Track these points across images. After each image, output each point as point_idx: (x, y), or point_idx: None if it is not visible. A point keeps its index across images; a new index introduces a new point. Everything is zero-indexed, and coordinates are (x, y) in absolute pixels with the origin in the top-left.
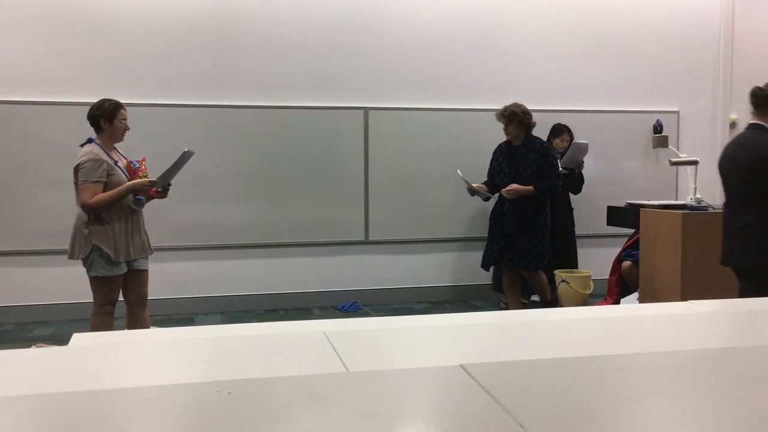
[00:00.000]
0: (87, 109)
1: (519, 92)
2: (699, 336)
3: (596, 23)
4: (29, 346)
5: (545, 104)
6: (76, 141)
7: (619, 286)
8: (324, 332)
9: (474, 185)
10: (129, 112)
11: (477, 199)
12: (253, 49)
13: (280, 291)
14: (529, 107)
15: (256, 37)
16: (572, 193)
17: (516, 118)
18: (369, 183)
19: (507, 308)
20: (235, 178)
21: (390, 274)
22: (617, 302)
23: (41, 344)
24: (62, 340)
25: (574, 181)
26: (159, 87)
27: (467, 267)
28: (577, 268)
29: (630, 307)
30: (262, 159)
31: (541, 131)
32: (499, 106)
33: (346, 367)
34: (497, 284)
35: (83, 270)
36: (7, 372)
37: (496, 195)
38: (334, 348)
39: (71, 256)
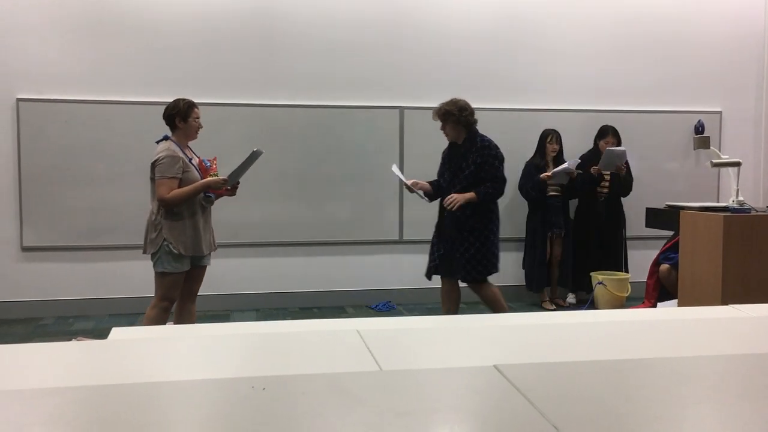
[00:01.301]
0: (127, 107)
1: (558, 92)
2: (740, 341)
3: (637, 22)
4: (70, 340)
5: (585, 104)
6: (116, 139)
7: (657, 290)
8: (357, 331)
9: (411, 182)
10: None
11: (510, 199)
12: (291, 49)
13: (315, 289)
14: (569, 107)
15: (293, 37)
16: (621, 195)
17: (451, 117)
18: None
19: (548, 309)
20: (271, 177)
21: (423, 273)
22: (655, 306)
23: (82, 338)
24: (102, 334)
25: (620, 183)
26: (198, 86)
27: (502, 267)
28: (626, 271)
29: (668, 310)
30: (297, 158)
31: (585, 132)
32: (539, 106)
33: (379, 366)
34: (531, 284)
35: (123, 266)
36: (48, 364)
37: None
38: (367, 346)
39: (144, 251)
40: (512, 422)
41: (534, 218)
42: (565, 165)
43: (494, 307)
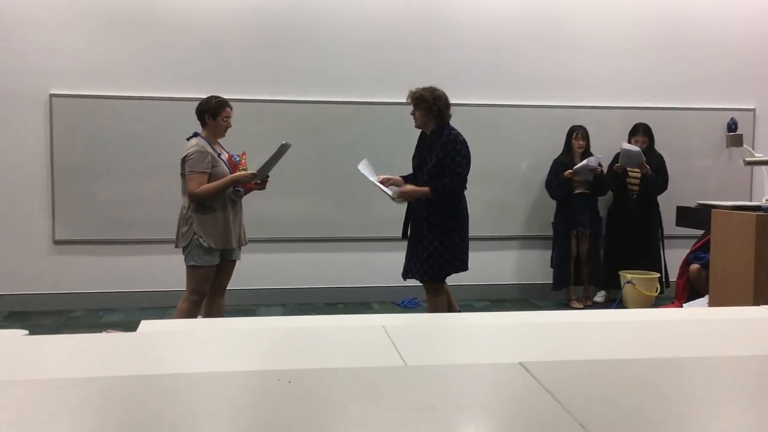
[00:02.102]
0: (158, 102)
1: (590, 89)
2: None
3: (670, 18)
4: (100, 332)
5: (617, 101)
6: (147, 133)
7: (687, 290)
8: (383, 326)
9: (380, 178)
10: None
11: (538, 197)
12: (317, 44)
13: (341, 285)
14: (601, 104)
15: (319, 32)
16: (653, 193)
17: (423, 103)
18: None
19: (575, 308)
20: (299, 173)
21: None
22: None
23: (111, 330)
24: (131, 326)
25: (649, 180)
26: (224, 82)
27: (529, 265)
28: (664, 270)
29: (698, 310)
30: (324, 154)
31: (617, 129)
32: (570, 104)
33: (404, 361)
34: (558, 283)
35: (152, 260)
36: (79, 355)
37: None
38: (392, 342)
39: (176, 245)
40: (538, 420)
41: (558, 216)
42: (585, 162)
43: (436, 308)
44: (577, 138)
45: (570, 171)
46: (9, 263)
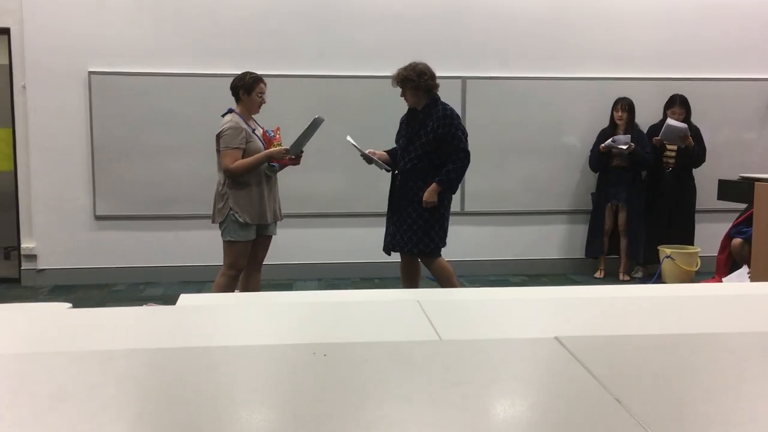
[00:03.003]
0: (195, 79)
1: (627, 60)
2: None
3: None
4: (141, 305)
5: (655, 72)
6: (185, 110)
7: (728, 266)
8: (418, 301)
9: (368, 152)
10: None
11: (579, 171)
12: (352, 18)
13: (376, 260)
14: (639, 75)
15: (354, 6)
16: (692, 167)
17: (410, 83)
18: None
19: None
20: (334, 148)
21: (486, 245)
22: None
23: (151, 303)
24: (171, 300)
25: (689, 154)
26: (260, 58)
27: (567, 240)
28: (692, 244)
29: (738, 285)
30: (359, 129)
31: (657, 101)
32: (607, 75)
33: (438, 335)
34: (589, 251)
35: (191, 235)
36: (122, 327)
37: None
38: (427, 316)
39: (213, 221)
40: (573, 394)
41: (597, 188)
42: (610, 141)
43: (445, 284)
44: (617, 110)
45: (603, 145)
46: (52, 238)
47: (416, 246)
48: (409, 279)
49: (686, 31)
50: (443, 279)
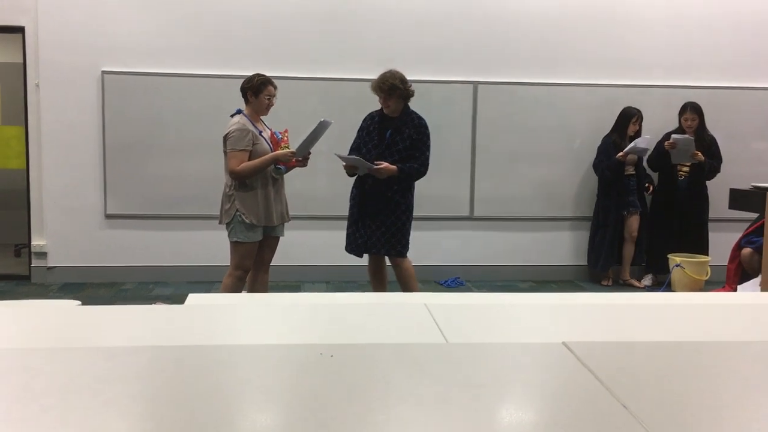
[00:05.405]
0: (211, 80)
1: (638, 67)
2: None
3: None
4: (149, 304)
5: (666, 80)
6: (196, 110)
7: (738, 275)
8: (425, 304)
9: (347, 156)
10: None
11: (590, 177)
12: (364, 22)
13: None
14: (648, 83)
15: (366, 10)
16: (706, 180)
17: (397, 91)
18: (476, 158)
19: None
20: (344, 150)
21: (494, 251)
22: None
23: (160, 302)
24: (179, 299)
25: (703, 168)
26: (272, 60)
27: (575, 247)
28: (705, 254)
29: (748, 295)
30: None
31: (667, 109)
32: (617, 82)
33: (445, 338)
34: (597, 263)
35: (200, 235)
36: (130, 325)
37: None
38: (434, 319)
39: (220, 222)
40: (580, 399)
41: (608, 198)
42: (634, 143)
43: (409, 286)
44: (635, 123)
45: (622, 153)
46: (63, 236)
47: (393, 248)
48: (379, 281)
49: (698, 40)
50: (410, 279)
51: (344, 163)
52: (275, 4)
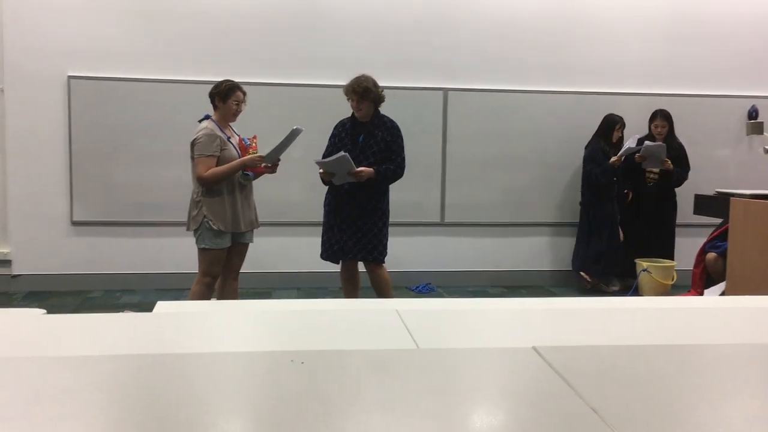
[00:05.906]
0: (180, 86)
1: (607, 75)
2: None
3: (688, 3)
4: (117, 312)
5: (635, 87)
6: (165, 117)
7: (703, 279)
8: (396, 310)
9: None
10: None
11: (560, 183)
12: (334, 29)
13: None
14: (619, 90)
15: (335, 17)
16: (674, 186)
17: (371, 94)
18: (446, 164)
19: (591, 290)
20: (316, 156)
21: (465, 257)
22: (701, 295)
23: (128, 310)
24: (147, 307)
25: (670, 175)
26: (241, 66)
27: (545, 253)
28: (671, 258)
29: (713, 298)
30: None
31: (637, 116)
32: (588, 89)
33: (416, 344)
34: (600, 272)
35: (168, 242)
36: (97, 334)
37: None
38: (405, 325)
39: (187, 228)
40: (550, 403)
41: (607, 206)
42: (627, 146)
43: (384, 292)
44: (619, 130)
45: (616, 158)
46: (28, 243)
47: (370, 253)
48: (352, 287)
49: (669, 49)
50: (386, 285)
51: (321, 170)
52: (245, 10)
